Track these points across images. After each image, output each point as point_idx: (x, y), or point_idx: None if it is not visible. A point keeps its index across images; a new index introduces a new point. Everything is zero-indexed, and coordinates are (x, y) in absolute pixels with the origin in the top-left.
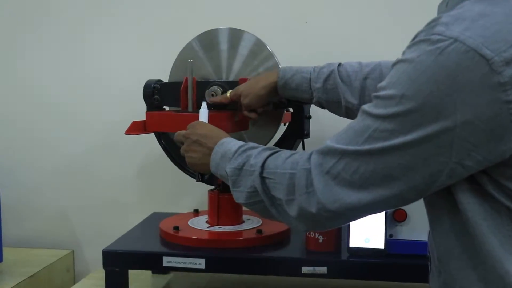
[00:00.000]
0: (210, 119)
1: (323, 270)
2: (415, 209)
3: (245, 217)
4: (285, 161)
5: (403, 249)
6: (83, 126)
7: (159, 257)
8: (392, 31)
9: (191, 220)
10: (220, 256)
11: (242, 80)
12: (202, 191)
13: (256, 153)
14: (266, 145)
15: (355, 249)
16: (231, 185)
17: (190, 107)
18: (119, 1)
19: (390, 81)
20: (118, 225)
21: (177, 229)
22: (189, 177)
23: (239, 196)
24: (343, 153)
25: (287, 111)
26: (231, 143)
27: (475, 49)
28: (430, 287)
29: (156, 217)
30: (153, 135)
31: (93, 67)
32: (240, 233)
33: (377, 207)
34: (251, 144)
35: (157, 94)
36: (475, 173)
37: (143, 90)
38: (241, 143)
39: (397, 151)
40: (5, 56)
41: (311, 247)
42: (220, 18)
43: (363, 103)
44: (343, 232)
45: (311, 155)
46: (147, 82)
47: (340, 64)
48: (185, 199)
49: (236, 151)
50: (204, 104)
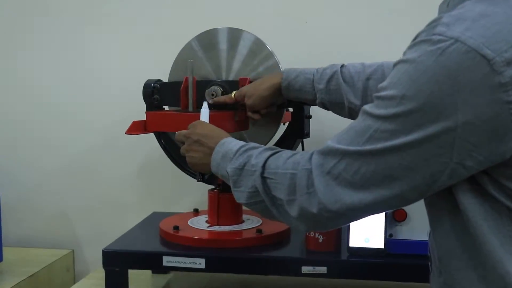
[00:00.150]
0: (210, 119)
1: (323, 269)
2: (415, 209)
3: (245, 216)
4: (286, 161)
5: (403, 249)
6: (83, 126)
7: (159, 256)
8: (392, 31)
9: (191, 219)
10: (220, 255)
11: (242, 79)
12: (202, 191)
13: (257, 153)
14: (266, 144)
15: (355, 249)
16: (232, 185)
17: (190, 107)
18: (118, 1)
19: (391, 81)
20: (118, 224)
21: (177, 228)
22: (189, 177)
23: (240, 196)
24: (344, 154)
25: (287, 110)
26: (232, 143)
27: (476, 50)
28: (430, 287)
29: (156, 216)
30: (153, 135)
31: (93, 67)
32: (240, 232)
33: (378, 207)
34: (252, 144)
35: (156, 93)
36: (476, 173)
37: (143, 89)
38: (242, 143)
39: (398, 151)
40: (5, 56)
41: (311, 247)
42: (219, 18)
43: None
44: (343, 231)
45: (312, 155)
46: (146, 81)
47: (343, 65)
48: (185, 199)
49: (237, 151)
50: (205, 104)
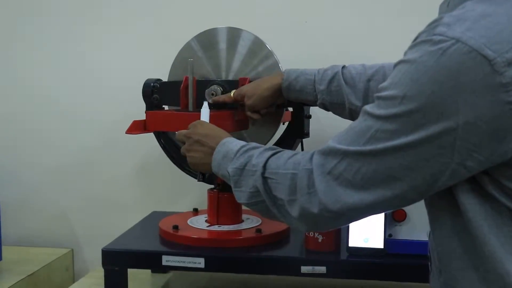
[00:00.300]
0: (210, 119)
1: (323, 269)
2: (415, 208)
3: (244, 216)
4: (287, 161)
5: (402, 248)
6: (83, 125)
7: (158, 256)
8: (392, 31)
9: (190, 219)
10: (219, 255)
11: (242, 79)
12: (201, 190)
13: (258, 153)
14: (266, 144)
15: (355, 249)
16: (233, 185)
17: (190, 107)
18: (119, 1)
19: (392, 81)
20: (117, 224)
21: (176, 228)
22: (189, 176)
23: (241, 196)
24: (344, 154)
25: (286, 110)
26: (233, 143)
27: (477, 50)
28: (430, 287)
29: (155, 216)
30: (153, 135)
31: (93, 67)
32: (239, 232)
33: (378, 207)
34: (253, 144)
35: (156, 93)
36: (476, 173)
37: (143, 89)
38: (243, 143)
39: (399, 151)
40: (5, 55)
41: (311, 247)
42: (219, 17)
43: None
44: (342, 231)
45: (313, 155)
46: (146, 81)
47: (344, 66)
48: (184, 198)
49: (238, 151)
50: (205, 103)
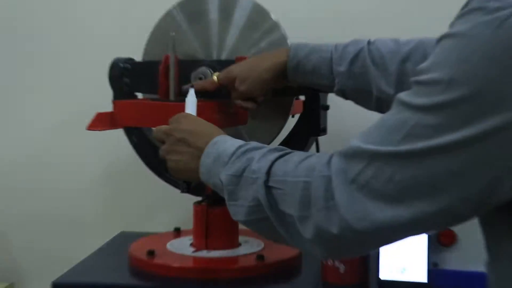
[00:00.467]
0: (198, 111)
1: None
2: (467, 229)
3: (242, 238)
4: (298, 166)
5: (451, 282)
6: (27, 117)
7: None
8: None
9: (170, 242)
10: None
11: (239, 59)
12: (185, 204)
13: (259, 155)
14: (270, 143)
15: (388, 283)
16: (227, 197)
17: (172, 95)
18: None
19: (434, 61)
20: (73, 249)
21: (152, 254)
22: (169, 186)
23: (238, 211)
24: (373, 156)
25: (297, 99)
26: (227, 143)
27: None
28: None
29: (124, 238)
30: (122, 132)
31: (41, 41)
32: (235, 259)
33: (417, 227)
34: (253, 143)
35: (127, 76)
36: None
37: (109, 71)
38: (240, 142)
39: (444, 152)
40: None
41: (329, 279)
42: None
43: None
44: (371, 259)
45: (331, 158)
46: (114, 61)
47: (370, 41)
48: (162, 214)
49: (233, 153)
50: (191, 91)
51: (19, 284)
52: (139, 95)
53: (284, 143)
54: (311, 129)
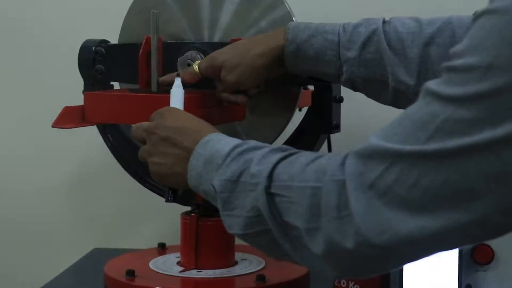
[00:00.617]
0: (186, 104)
1: None
2: (506, 245)
3: (239, 256)
4: (305, 168)
5: None
6: None
7: None
8: None
9: (154, 260)
10: None
11: (234, 41)
12: (171, 215)
13: (260, 156)
14: (272, 142)
15: None
16: (221, 206)
17: (154, 85)
18: None
19: (470, 43)
20: (37, 268)
21: (132, 274)
22: (152, 194)
23: (234, 223)
24: (396, 156)
25: (305, 89)
26: (220, 142)
27: None
28: None
29: (98, 255)
30: (96, 129)
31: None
32: (230, 281)
33: (447, 240)
34: (252, 142)
35: (100, 62)
36: None
37: (79, 55)
38: (237, 141)
39: (481, 152)
40: None
41: None
42: None
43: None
44: (392, 280)
45: (345, 159)
46: (84, 43)
47: (385, 21)
48: (144, 227)
49: (228, 154)
50: (177, 81)
51: None
52: (116, 85)
53: (289, 141)
54: (321, 125)
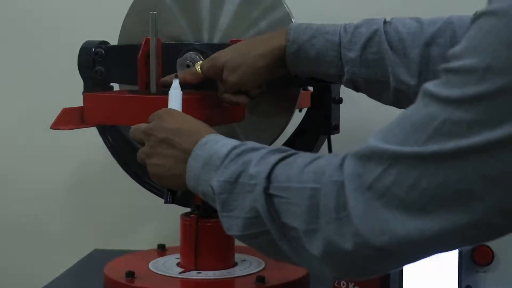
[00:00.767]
0: (185, 105)
1: None
2: (506, 246)
3: (238, 257)
4: (304, 169)
5: None
6: None
7: None
8: None
9: (154, 261)
10: None
11: (234, 42)
12: (171, 216)
13: (258, 157)
14: (272, 144)
15: None
16: (219, 207)
17: (153, 86)
18: None
19: (468, 45)
20: (37, 269)
21: (131, 275)
22: (151, 195)
23: (232, 224)
24: (394, 158)
25: (304, 90)
26: (219, 143)
27: None
28: None
29: (98, 256)
30: (95, 130)
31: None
32: (230, 282)
33: (446, 242)
34: (251, 143)
35: (100, 64)
36: None
37: (78, 57)
38: (235, 142)
39: (479, 154)
40: None
41: None
42: None
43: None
44: (392, 281)
45: (344, 160)
46: (84, 44)
47: (386, 21)
48: (144, 228)
49: (227, 155)
50: (175, 82)
51: None
52: (116, 86)
53: (288, 142)
54: (321, 126)
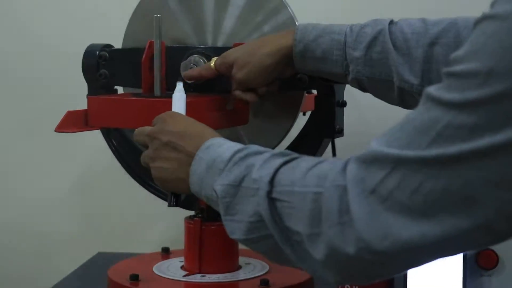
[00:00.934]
0: (188, 109)
1: None
2: (511, 250)
3: (242, 260)
4: (307, 173)
5: None
6: None
7: None
8: None
9: (158, 264)
10: None
11: (238, 45)
12: (175, 219)
13: (261, 161)
14: (275, 147)
15: None
16: (222, 211)
17: (157, 89)
18: None
19: (471, 48)
20: (41, 272)
21: (136, 279)
22: (155, 198)
23: (235, 228)
24: (397, 162)
25: (308, 93)
26: (222, 147)
27: None
28: None
29: (102, 259)
30: (100, 133)
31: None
32: (234, 285)
33: (449, 246)
34: (254, 147)
35: (104, 67)
36: None
37: (83, 60)
38: (239, 146)
39: (482, 158)
40: None
41: None
42: None
43: (428, 83)
44: (396, 285)
45: (347, 164)
46: (88, 47)
47: (392, 21)
48: (148, 231)
49: (230, 159)
50: (179, 85)
51: None
52: (120, 89)
53: (292, 145)
54: (324, 129)
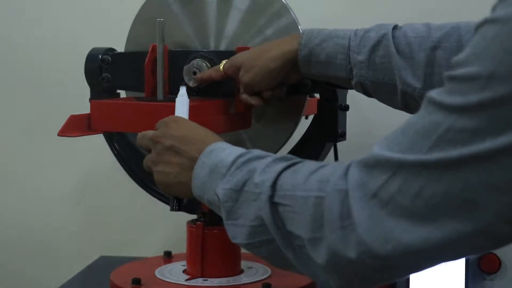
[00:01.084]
0: (191, 113)
1: None
2: None
3: (244, 264)
4: (309, 178)
5: None
6: None
7: None
8: None
9: (160, 268)
10: None
11: (240, 49)
12: (177, 223)
13: (263, 165)
14: (277, 151)
15: None
16: (224, 215)
17: (160, 93)
18: None
19: (471, 52)
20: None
21: (138, 283)
22: (158, 202)
23: (237, 232)
24: (399, 166)
25: (310, 97)
26: (225, 151)
27: None
28: None
29: (104, 263)
30: (102, 137)
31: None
32: None
33: (451, 250)
34: (256, 152)
35: (107, 70)
36: None
37: (85, 64)
38: (241, 150)
39: (483, 162)
40: None
41: None
42: None
43: (430, 87)
44: None
45: (348, 169)
46: (91, 51)
47: (396, 26)
48: (150, 235)
49: (232, 163)
50: (183, 89)
51: None
52: (122, 93)
53: (295, 149)
54: (327, 133)
